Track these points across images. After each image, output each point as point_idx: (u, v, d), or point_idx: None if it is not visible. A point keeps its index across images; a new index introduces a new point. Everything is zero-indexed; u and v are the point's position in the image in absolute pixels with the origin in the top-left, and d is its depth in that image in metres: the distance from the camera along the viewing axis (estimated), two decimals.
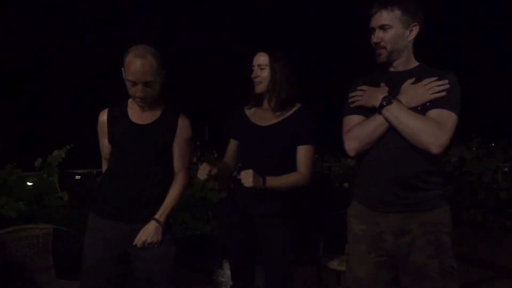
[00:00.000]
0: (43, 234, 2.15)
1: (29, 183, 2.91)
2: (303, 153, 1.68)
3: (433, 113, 1.29)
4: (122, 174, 1.56)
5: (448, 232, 1.34)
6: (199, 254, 3.20)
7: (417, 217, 1.32)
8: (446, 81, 1.30)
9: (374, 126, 1.33)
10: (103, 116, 1.61)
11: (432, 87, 1.30)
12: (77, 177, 2.97)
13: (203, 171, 1.57)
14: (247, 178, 1.53)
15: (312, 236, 2.51)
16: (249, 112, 1.79)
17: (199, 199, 3.57)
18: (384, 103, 1.31)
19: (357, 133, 1.36)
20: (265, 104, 1.74)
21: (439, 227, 1.32)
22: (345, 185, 4.39)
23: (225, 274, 2.74)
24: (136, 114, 1.58)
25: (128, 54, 1.47)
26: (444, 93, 1.29)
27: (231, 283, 1.82)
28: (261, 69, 1.69)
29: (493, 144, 5.15)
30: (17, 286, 2.00)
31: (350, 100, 1.44)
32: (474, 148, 4.94)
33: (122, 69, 1.51)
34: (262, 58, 1.70)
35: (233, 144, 1.81)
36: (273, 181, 1.60)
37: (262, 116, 1.74)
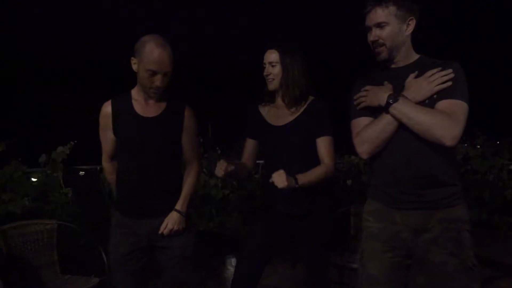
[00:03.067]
0: (48, 230, 2.18)
1: (33, 179, 2.92)
2: (323, 144, 1.68)
3: (442, 104, 1.25)
4: (135, 170, 1.56)
5: (469, 229, 1.31)
6: (202, 250, 3.21)
7: (437, 214, 1.29)
8: (450, 71, 1.27)
9: (382, 126, 1.30)
10: (107, 108, 1.57)
11: (436, 79, 1.27)
12: (81, 173, 2.98)
13: (220, 168, 1.56)
14: (279, 179, 1.53)
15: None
16: (264, 110, 1.77)
17: (202, 196, 3.57)
18: (391, 101, 1.27)
19: (367, 135, 1.33)
20: (279, 100, 1.73)
21: (460, 224, 1.29)
22: (349, 182, 4.38)
23: (229, 270, 2.75)
24: (141, 106, 1.56)
25: (147, 43, 1.46)
26: (450, 83, 1.26)
27: None
28: (273, 66, 1.68)
29: (498, 142, 5.10)
30: (22, 281, 2.02)
31: (355, 103, 1.41)
32: (479, 146, 4.90)
33: (134, 58, 1.49)
34: (272, 55, 1.68)
35: (249, 144, 1.80)
36: (304, 178, 1.60)
37: (277, 115, 1.72)
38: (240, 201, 3.79)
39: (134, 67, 1.51)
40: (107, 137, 1.61)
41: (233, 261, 2.65)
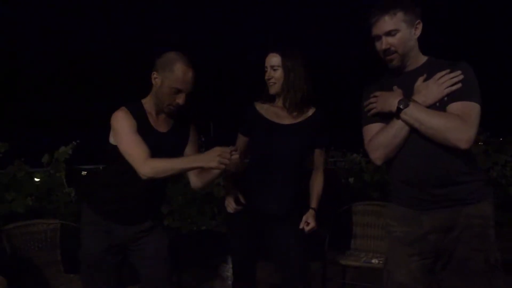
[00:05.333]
0: (51, 229, 2.19)
1: (36, 179, 2.94)
2: (321, 155, 1.78)
3: (454, 106, 1.24)
4: (138, 182, 1.49)
5: (493, 226, 1.31)
6: (204, 249, 3.22)
7: (463, 211, 1.28)
8: (459, 72, 1.25)
9: (394, 131, 1.29)
10: (129, 114, 1.49)
11: (445, 81, 1.26)
12: (83, 173, 2.99)
13: (231, 208, 1.72)
14: (312, 225, 1.70)
15: (318, 231, 2.52)
16: (262, 108, 1.76)
17: (204, 195, 3.57)
18: (401, 106, 1.26)
19: (379, 141, 1.32)
20: (279, 102, 1.73)
21: (485, 220, 1.29)
22: (351, 180, 4.37)
23: (231, 269, 2.75)
24: (153, 120, 1.56)
25: (176, 62, 1.46)
26: (459, 85, 1.25)
27: None
28: (274, 70, 1.67)
29: (501, 139, 5.08)
30: (26, 280, 2.03)
31: (365, 109, 1.40)
32: (482, 143, 4.87)
33: (157, 73, 1.48)
34: (274, 59, 1.68)
35: (242, 141, 1.79)
36: (317, 201, 1.76)
37: (278, 114, 1.72)
38: None
39: (156, 82, 1.50)
40: (139, 137, 1.46)
41: None
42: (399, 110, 1.27)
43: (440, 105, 1.27)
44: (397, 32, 1.29)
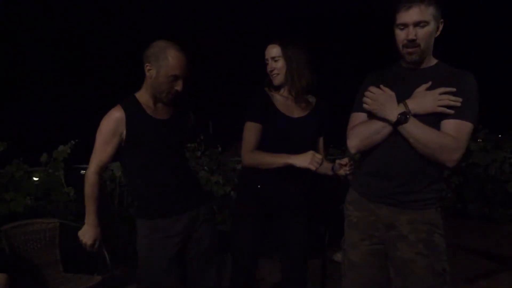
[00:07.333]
0: (50, 229, 2.19)
1: (35, 178, 2.93)
2: (322, 143, 1.80)
3: (449, 124, 1.25)
4: (165, 170, 1.52)
5: (441, 234, 1.31)
6: None
7: (405, 214, 1.31)
8: (460, 99, 1.25)
9: (377, 127, 1.31)
10: (119, 113, 1.48)
11: (442, 99, 1.25)
12: (82, 171, 2.99)
13: (317, 162, 1.52)
14: (345, 160, 1.63)
15: (317, 229, 2.52)
16: (272, 97, 1.71)
17: None
18: (401, 119, 1.26)
19: (360, 132, 1.35)
20: (284, 93, 1.71)
21: (431, 227, 1.30)
22: (350, 178, 4.37)
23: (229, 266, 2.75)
24: (151, 110, 1.54)
25: (168, 49, 1.46)
26: (457, 104, 1.25)
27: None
28: (275, 60, 1.66)
29: (500, 136, 5.08)
30: (25, 280, 2.03)
31: (363, 99, 1.37)
32: (481, 140, 4.88)
33: (150, 64, 1.48)
34: (274, 50, 1.67)
35: (257, 129, 1.66)
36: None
37: (287, 106, 1.70)
38: None
39: (151, 73, 1.48)
40: (111, 145, 1.49)
41: None
42: (398, 123, 1.27)
43: (434, 115, 1.27)
44: (426, 24, 1.27)
